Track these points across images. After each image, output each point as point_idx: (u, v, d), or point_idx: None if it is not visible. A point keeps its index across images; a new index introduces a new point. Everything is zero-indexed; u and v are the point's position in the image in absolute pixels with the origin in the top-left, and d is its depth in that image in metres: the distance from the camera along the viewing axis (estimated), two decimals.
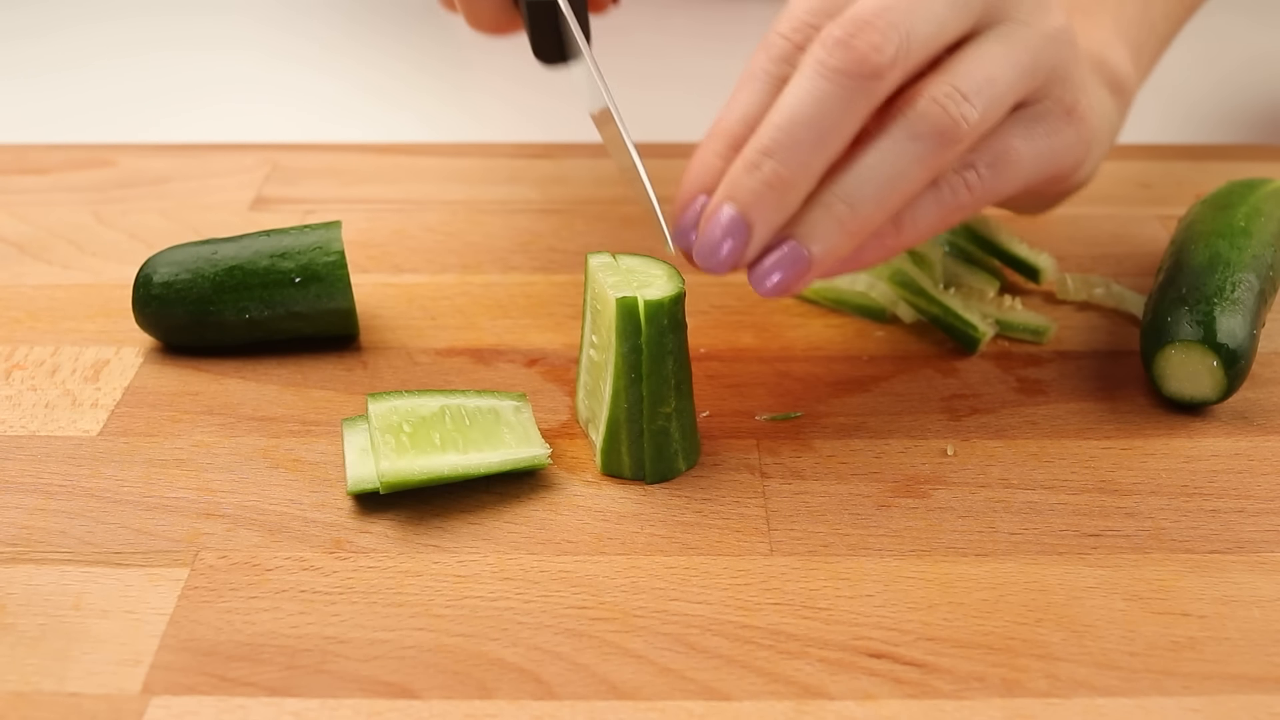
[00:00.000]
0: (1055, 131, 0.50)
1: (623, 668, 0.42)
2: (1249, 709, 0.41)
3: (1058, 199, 0.57)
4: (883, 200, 0.46)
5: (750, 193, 0.45)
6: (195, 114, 0.81)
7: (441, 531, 0.47)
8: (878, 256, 0.48)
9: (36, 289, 0.61)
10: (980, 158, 0.48)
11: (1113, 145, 0.58)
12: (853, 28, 0.45)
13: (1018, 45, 0.47)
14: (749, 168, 0.45)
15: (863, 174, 0.45)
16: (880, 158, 0.45)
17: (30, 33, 0.92)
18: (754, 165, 0.45)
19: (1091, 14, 0.59)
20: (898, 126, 0.46)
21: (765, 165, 0.45)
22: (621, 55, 0.84)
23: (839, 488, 0.49)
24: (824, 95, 0.44)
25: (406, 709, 0.41)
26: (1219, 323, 0.52)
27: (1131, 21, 0.60)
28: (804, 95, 0.45)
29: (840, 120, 0.45)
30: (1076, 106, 0.51)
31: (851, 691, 0.41)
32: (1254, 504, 0.49)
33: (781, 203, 0.45)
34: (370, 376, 0.55)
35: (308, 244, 0.56)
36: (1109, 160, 0.72)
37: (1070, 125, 0.51)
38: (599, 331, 0.49)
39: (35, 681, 0.41)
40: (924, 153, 0.46)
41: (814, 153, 0.45)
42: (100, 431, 0.52)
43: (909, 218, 0.47)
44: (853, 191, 0.45)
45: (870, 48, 0.44)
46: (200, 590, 0.45)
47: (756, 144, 0.45)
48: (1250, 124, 0.81)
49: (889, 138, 0.46)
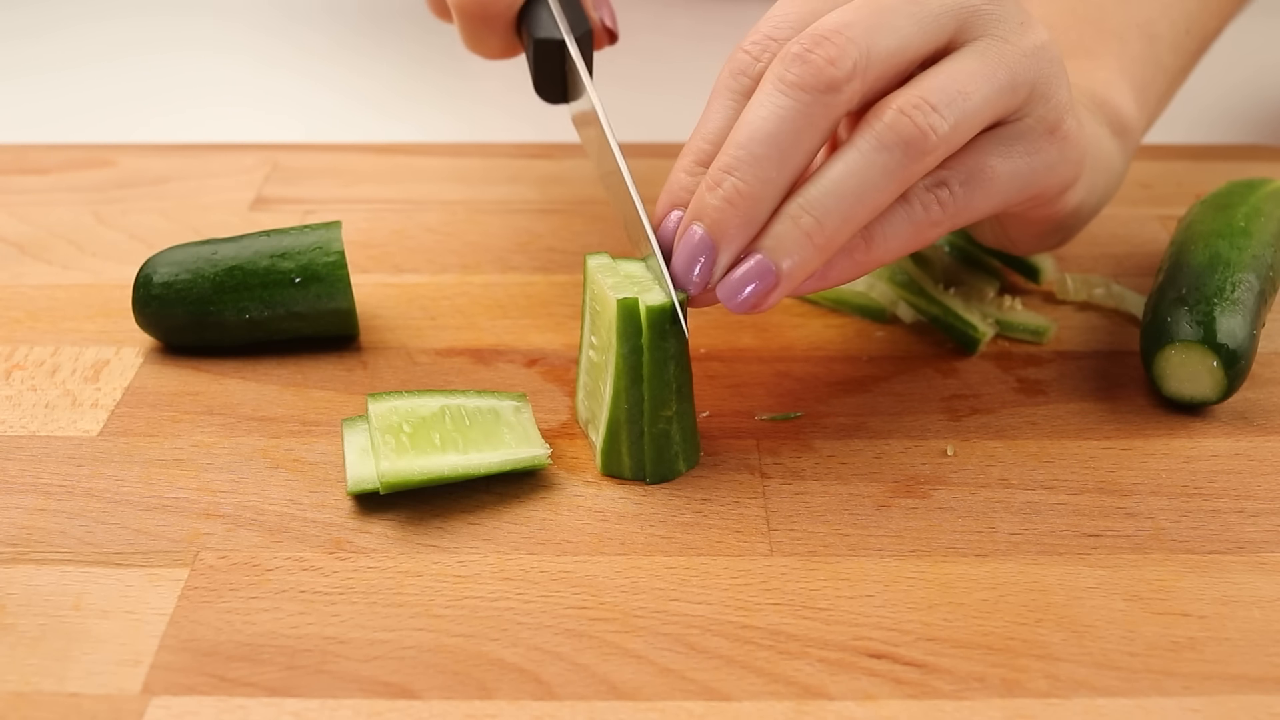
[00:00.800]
0: (1035, 150, 0.49)
1: (623, 668, 0.42)
2: (1249, 709, 0.41)
3: (1054, 230, 0.55)
4: (850, 213, 0.45)
5: (714, 210, 0.45)
6: (195, 114, 0.81)
7: (441, 532, 0.47)
8: (849, 273, 0.48)
9: (36, 289, 0.61)
10: (954, 174, 0.48)
11: (1117, 186, 0.57)
12: (810, 42, 0.45)
13: (993, 61, 0.47)
14: (711, 186, 0.45)
15: (828, 186, 0.45)
16: (846, 169, 0.45)
17: (30, 32, 0.92)
18: (716, 183, 0.45)
19: (1094, 54, 0.59)
20: (864, 138, 0.45)
21: (726, 182, 0.45)
22: (621, 56, 0.84)
23: (839, 488, 0.49)
24: (782, 109, 0.45)
25: (406, 709, 0.41)
26: (1219, 323, 0.52)
27: (1135, 60, 0.59)
28: (763, 111, 0.45)
29: (799, 134, 0.45)
30: (1060, 125, 0.50)
31: (851, 692, 0.41)
32: (1254, 504, 0.49)
33: (745, 219, 0.45)
34: (370, 377, 0.55)
35: (308, 244, 0.56)
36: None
37: (1053, 145, 0.50)
38: (598, 332, 0.49)
39: (35, 682, 0.41)
40: (891, 164, 0.45)
41: (775, 168, 0.45)
42: (100, 432, 0.52)
43: (880, 234, 0.47)
44: (818, 203, 0.45)
45: (826, 60, 0.44)
46: (200, 590, 0.45)
47: (719, 162, 0.45)
48: (1250, 124, 0.81)
49: (855, 149, 0.45)
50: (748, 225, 0.45)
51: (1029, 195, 0.51)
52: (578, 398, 0.52)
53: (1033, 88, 0.48)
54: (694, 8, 0.93)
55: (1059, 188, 0.52)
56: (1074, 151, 0.51)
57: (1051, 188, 0.51)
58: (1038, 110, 0.49)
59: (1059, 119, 0.50)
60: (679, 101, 0.78)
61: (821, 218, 0.45)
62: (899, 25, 0.46)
